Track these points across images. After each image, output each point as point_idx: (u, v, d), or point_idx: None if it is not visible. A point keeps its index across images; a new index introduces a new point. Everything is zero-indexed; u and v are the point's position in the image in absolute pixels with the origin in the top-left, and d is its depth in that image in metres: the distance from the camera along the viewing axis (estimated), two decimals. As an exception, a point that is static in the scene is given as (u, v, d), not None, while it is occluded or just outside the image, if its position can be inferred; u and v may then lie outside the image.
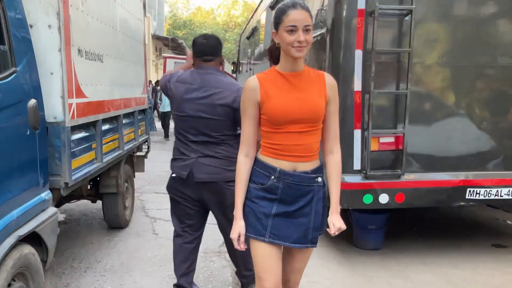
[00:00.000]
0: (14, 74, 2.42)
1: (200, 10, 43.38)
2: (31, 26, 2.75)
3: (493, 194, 3.80)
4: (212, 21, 39.33)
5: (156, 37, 23.49)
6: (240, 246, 1.98)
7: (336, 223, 1.99)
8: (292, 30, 1.80)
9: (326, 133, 1.99)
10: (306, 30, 1.80)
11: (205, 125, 2.69)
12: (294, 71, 1.91)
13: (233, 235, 1.98)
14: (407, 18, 3.63)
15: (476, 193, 3.79)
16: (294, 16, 1.79)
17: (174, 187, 2.93)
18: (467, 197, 3.78)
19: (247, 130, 1.96)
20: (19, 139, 2.46)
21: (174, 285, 3.00)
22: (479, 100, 3.84)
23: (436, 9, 3.72)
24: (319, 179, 1.97)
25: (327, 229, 2.01)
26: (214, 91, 2.68)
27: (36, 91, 2.66)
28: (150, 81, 13.47)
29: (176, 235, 2.99)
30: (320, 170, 1.98)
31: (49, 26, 2.84)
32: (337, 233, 1.99)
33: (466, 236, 4.67)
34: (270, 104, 1.88)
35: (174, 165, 2.89)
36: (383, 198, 3.68)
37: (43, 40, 2.83)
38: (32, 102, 2.56)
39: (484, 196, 3.79)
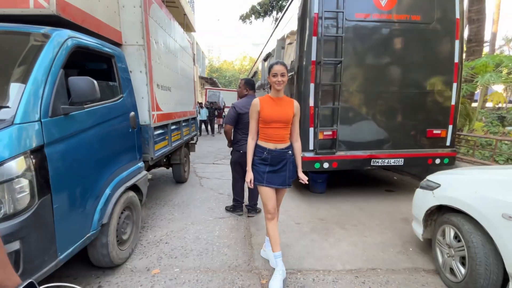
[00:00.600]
0: (122, 98, 2.43)
1: (225, 62, 42.87)
2: (131, 72, 2.75)
3: (385, 163, 3.80)
4: (232, 68, 38.87)
5: (200, 77, 23.24)
6: (251, 186, 2.11)
7: (303, 177, 2.14)
8: (275, 75, 2.03)
9: (293, 131, 2.15)
10: (282, 75, 2.03)
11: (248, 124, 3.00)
12: (278, 97, 2.10)
13: (247, 179, 2.13)
14: (339, 65, 3.58)
15: (377, 162, 3.78)
16: (276, 68, 2.03)
17: (239, 159, 3.20)
18: (372, 164, 3.78)
19: (253, 125, 2.12)
20: (125, 133, 2.48)
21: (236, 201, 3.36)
22: (379, 111, 3.81)
23: (355, 59, 3.68)
24: (290, 152, 2.14)
25: (301, 180, 2.11)
26: None
27: (134, 107, 2.66)
28: (199, 102, 13.03)
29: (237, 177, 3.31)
30: (290, 147, 2.15)
31: (140, 72, 2.83)
32: (305, 181, 2.09)
33: (372, 185, 4.68)
34: (264, 112, 2.07)
35: (239, 145, 3.18)
36: (326, 165, 3.67)
37: (137, 79, 2.83)
38: (132, 113, 2.57)
39: (380, 164, 3.79)
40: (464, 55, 6.05)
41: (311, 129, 3.67)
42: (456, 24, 3.70)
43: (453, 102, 3.84)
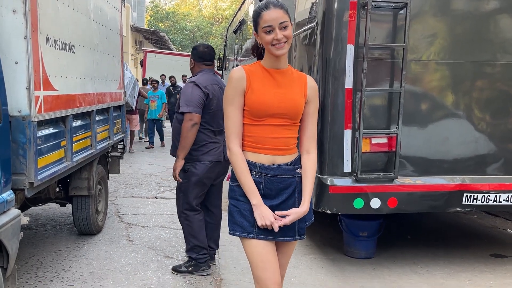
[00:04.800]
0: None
1: (185, 1, 43.24)
2: (-8, 11, 2.71)
3: (491, 200, 3.83)
4: (197, 13, 39.21)
5: (135, 29, 23.39)
6: (276, 226, 2.02)
7: (299, 210, 2.09)
8: (269, 30, 1.98)
9: (304, 133, 2.18)
10: (283, 27, 1.98)
11: (222, 116, 3.28)
12: (278, 68, 2.09)
13: (263, 222, 2.02)
14: (402, 11, 3.64)
15: (473, 199, 3.82)
16: (268, 16, 1.98)
17: (209, 173, 3.64)
18: (463, 202, 3.81)
19: (236, 119, 2.07)
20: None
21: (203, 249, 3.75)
22: (479, 100, 3.87)
23: (433, 2, 3.75)
24: (299, 170, 2.15)
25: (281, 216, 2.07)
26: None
27: (-2, 82, 2.61)
28: (149, 80, 12.60)
29: (197, 213, 3.72)
30: (299, 161, 2.17)
31: (14, 11, 2.80)
32: (288, 220, 2.05)
33: (463, 244, 4.70)
34: (253, 96, 2.04)
35: (210, 153, 3.62)
36: (375, 203, 3.68)
37: (7, 26, 2.79)
38: (-7, 93, 2.52)
39: (481, 202, 3.82)
40: None
41: (348, 133, 3.69)
42: None
43: None
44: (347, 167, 3.70)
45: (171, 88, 12.43)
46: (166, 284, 3.62)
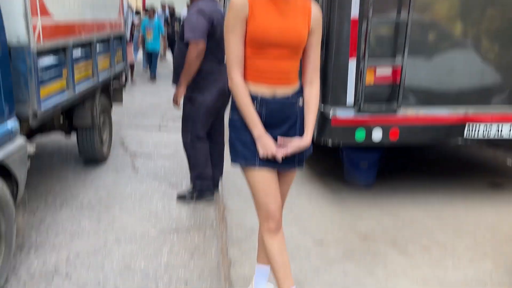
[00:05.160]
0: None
1: None
2: None
3: (492, 132, 3.84)
4: None
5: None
6: (279, 156, 2.04)
7: (300, 142, 2.09)
8: None
9: (306, 64, 2.14)
10: None
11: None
12: None
13: (266, 151, 2.04)
14: None
15: (476, 131, 3.83)
16: None
17: (216, 102, 3.70)
18: (466, 135, 3.82)
19: (238, 48, 2.01)
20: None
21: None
22: (487, 30, 3.76)
23: None
24: (300, 102, 2.14)
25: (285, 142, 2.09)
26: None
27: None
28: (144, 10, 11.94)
29: (203, 142, 3.78)
30: (301, 93, 2.15)
31: None
32: (289, 151, 2.06)
33: (462, 175, 4.79)
34: (255, 23, 1.97)
35: (216, 83, 3.64)
36: (377, 135, 3.70)
37: None
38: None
39: (483, 134, 3.83)
40: None
41: (352, 64, 3.64)
42: None
43: None
44: (350, 99, 3.69)
45: (168, 18, 11.90)
46: (171, 211, 3.75)
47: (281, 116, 2.10)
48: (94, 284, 2.71)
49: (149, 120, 7.02)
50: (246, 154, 2.09)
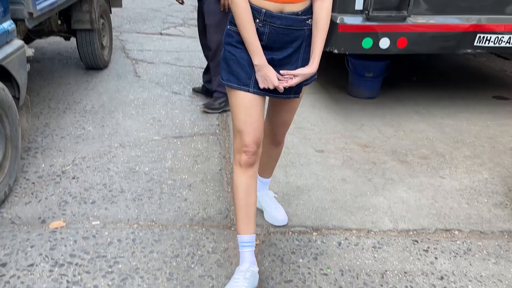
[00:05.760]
0: None
1: None
2: None
3: (504, 41, 3.74)
4: None
5: None
6: (282, 85, 1.87)
7: (306, 70, 1.89)
8: None
9: None
10: None
11: None
12: None
13: (269, 85, 1.87)
14: None
15: (486, 40, 3.72)
16: None
17: None
18: (475, 43, 3.73)
19: None
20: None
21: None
22: None
23: None
24: (310, 21, 1.89)
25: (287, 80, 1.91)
26: None
27: None
28: None
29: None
30: (311, 10, 1.89)
31: None
32: (294, 82, 1.88)
33: (467, 87, 4.75)
34: None
35: None
36: (384, 43, 3.61)
37: None
38: None
39: (494, 43, 3.74)
40: None
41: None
42: None
43: None
44: (359, 4, 3.54)
45: None
46: (174, 118, 3.78)
47: (287, 38, 1.87)
48: (100, 185, 2.81)
49: (150, 25, 6.82)
50: (241, 75, 1.89)
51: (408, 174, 3.08)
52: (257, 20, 1.82)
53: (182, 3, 3.96)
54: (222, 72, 1.95)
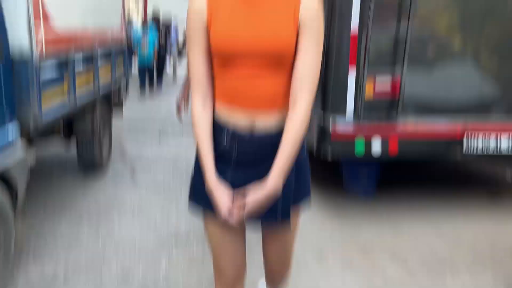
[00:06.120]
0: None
1: None
2: None
3: (491, 146, 3.86)
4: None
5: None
6: (234, 220, 1.50)
7: (261, 193, 1.48)
8: None
9: (292, 78, 1.50)
10: None
11: None
12: None
13: (220, 213, 1.51)
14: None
15: (474, 143, 3.86)
16: None
17: None
18: (465, 150, 3.83)
19: (198, 65, 1.53)
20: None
21: None
22: (486, 41, 3.82)
23: None
24: None
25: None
26: None
27: (-1, 18, 2.61)
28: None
29: None
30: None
31: None
32: (247, 210, 1.49)
33: (461, 187, 4.79)
34: (216, 29, 1.47)
35: None
36: (377, 146, 3.71)
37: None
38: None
39: (482, 150, 3.85)
40: None
41: (352, 74, 3.69)
42: None
43: None
44: (350, 110, 3.72)
45: (154, 25, 11.00)
46: (170, 223, 3.76)
47: (259, 154, 1.54)
48: (92, 293, 2.71)
49: (149, 134, 7.05)
50: (207, 197, 1.55)
51: (409, 278, 3.00)
52: (225, 136, 1.54)
53: (181, 120, 4.03)
54: (189, 192, 1.67)
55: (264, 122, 1.52)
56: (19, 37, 2.84)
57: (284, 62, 1.48)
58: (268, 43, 1.44)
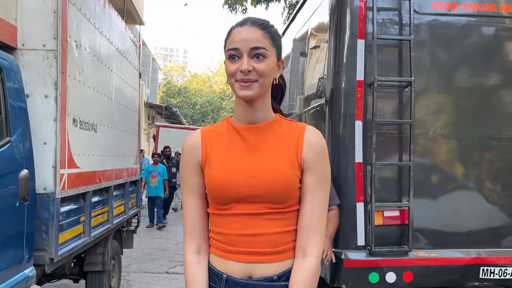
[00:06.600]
0: (9, 144, 2.59)
1: (196, 78, 45.10)
2: (27, 96, 2.97)
3: (508, 274, 3.81)
4: (208, 89, 40.75)
5: (149, 105, 24.24)
6: None
7: None
8: (234, 55, 1.36)
9: (299, 221, 1.40)
10: (256, 55, 1.34)
11: None
12: (253, 122, 1.42)
13: None
14: (407, 89, 3.86)
15: (491, 272, 3.80)
16: (237, 36, 1.36)
17: None
18: (481, 276, 3.78)
19: (191, 211, 1.45)
20: (8, 211, 2.57)
21: None
22: (487, 173, 3.95)
23: (437, 80, 3.96)
24: None
25: None
26: None
27: (29, 161, 2.81)
28: (157, 154, 11.63)
29: None
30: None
31: (46, 97, 3.06)
32: None
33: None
34: (211, 170, 1.41)
35: None
36: (390, 277, 3.67)
37: (39, 110, 3.04)
38: (24, 172, 2.70)
39: (499, 276, 3.79)
40: None
41: (360, 206, 3.76)
42: None
43: None
44: (361, 241, 3.73)
45: (164, 160, 11.50)
46: None
47: None
48: None
49: (157, 264, 6.97)
50: None
51: None
52: (218, 285, 1.42)
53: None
54: None
55: (263, 269, 1.38)
56: (45, 177, 3.02)
57: (286, 201, 1.37)
58: (268, 180, 1.36)
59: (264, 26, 1.39)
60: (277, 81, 1.44)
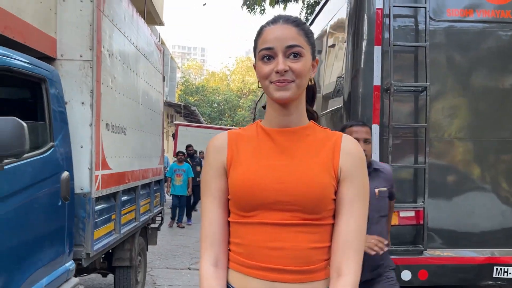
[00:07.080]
0: (53, 149, 2.83)
1: (214, 76, 45.48)
2: (66, 103, 3.20)
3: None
4: (225, 87, 41.03)
5: (168, 104, 24.54)
6: None
7: None
8: (267, 55, 1.25)
9: (334, 237, 1.27)
10: (293, 53, 1.23)
11: None
12: (286, 126, 1.31)
13: None
14: (422, 93, 4.01)
15: (504, 272, 3.92)
16: (270, 35, 1.26)
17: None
18: (494, 275, 3.91)
19: (211, 218, 1.31)
20: (52, 209, 2.81)
21: None
22: (502, 174, 4.08)
23: (452, 84, 4.10)
24: None
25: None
26: None
27: (68, 164, 3.05)
28: (181, 153, 11.22)
29: None
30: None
31: (82, 103, 3.29)
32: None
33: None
34: (235, 172, 1.29)
35: None
36: (406, 275, 3.82)
37: (76, 116, 3.27)
38: (65, 174, 2.94)
39: (512, 275, 3.92)
40: None
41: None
42: None
43: None
44: (377, 240, 3.91)
45: (188, 159, 11.39)
46: None
47: None
48: None
49: (179, 260, 7.20)
50: None
51: None
52: None
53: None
54: None
55: (289, 286, 1.23)
56: (82, 178, 3.26)
57: (319, 211, 1.23)
58: (300, 186, 1.22)
59: (298, 23, 1.28)
60: (312, 82, 1.34)
